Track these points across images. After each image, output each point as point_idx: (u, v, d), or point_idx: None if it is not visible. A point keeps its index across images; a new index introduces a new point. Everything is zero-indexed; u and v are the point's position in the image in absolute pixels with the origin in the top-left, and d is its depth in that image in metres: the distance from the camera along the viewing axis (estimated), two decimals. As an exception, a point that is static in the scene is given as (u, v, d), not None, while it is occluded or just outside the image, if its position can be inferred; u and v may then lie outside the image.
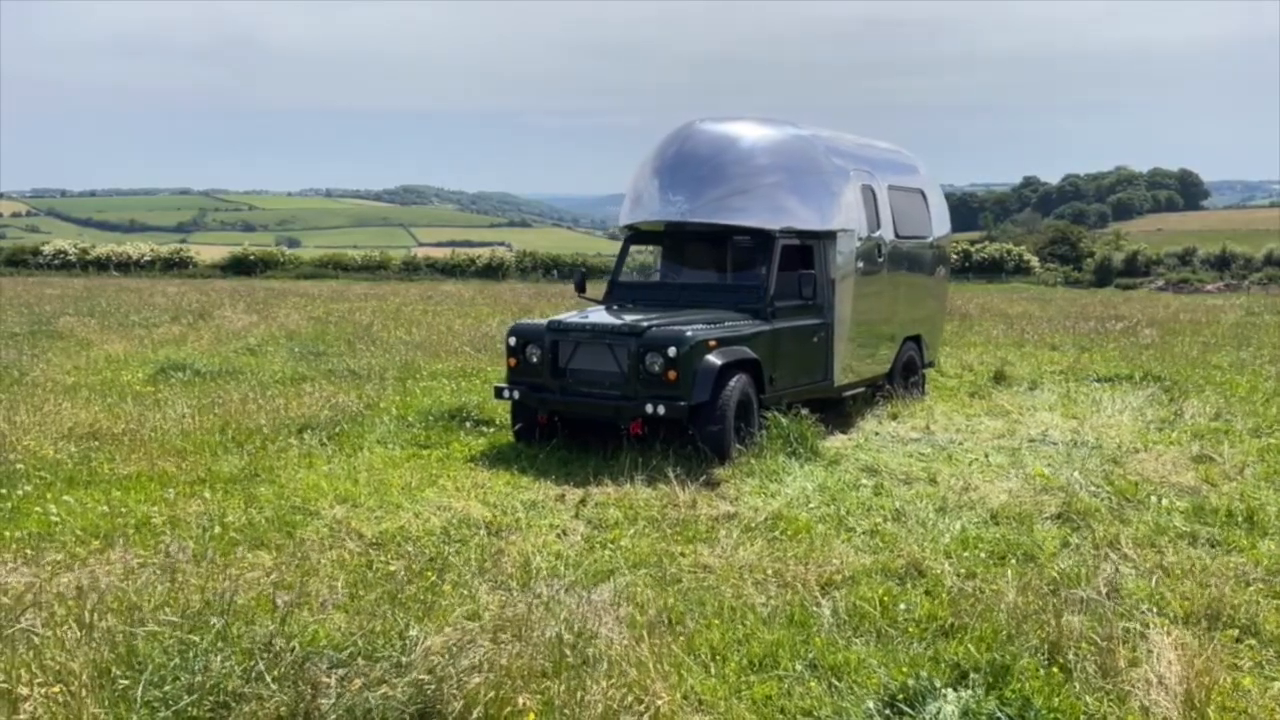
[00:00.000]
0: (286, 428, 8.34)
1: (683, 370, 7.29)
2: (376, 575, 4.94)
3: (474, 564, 5.15)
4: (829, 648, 4.22)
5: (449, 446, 8.17)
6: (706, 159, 8.48)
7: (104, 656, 3.50)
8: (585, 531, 5.96)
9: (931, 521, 6.07)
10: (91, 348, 13.66)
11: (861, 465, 7.55)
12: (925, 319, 10.53)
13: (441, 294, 28.30)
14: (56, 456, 7.12)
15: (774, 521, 6.08)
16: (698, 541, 5.72)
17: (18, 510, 5.97)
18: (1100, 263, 48.48)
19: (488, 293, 29.77)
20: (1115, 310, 22.70)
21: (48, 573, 4.68)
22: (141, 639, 3.66)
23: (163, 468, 7.04)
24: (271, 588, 4.52)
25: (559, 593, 4.54)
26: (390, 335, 15.13)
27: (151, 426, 8.17)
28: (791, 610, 4.59)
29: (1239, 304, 26.48)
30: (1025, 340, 15.69)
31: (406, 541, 5.60)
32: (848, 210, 8.85)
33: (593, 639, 3.78)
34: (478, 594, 4.66)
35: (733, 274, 8.67)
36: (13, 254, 47.66)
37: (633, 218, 8.90)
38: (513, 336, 8.12)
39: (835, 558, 5.33)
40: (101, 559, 5.02)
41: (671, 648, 3.90)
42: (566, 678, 3.51)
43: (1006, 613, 4.46)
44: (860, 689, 3.83)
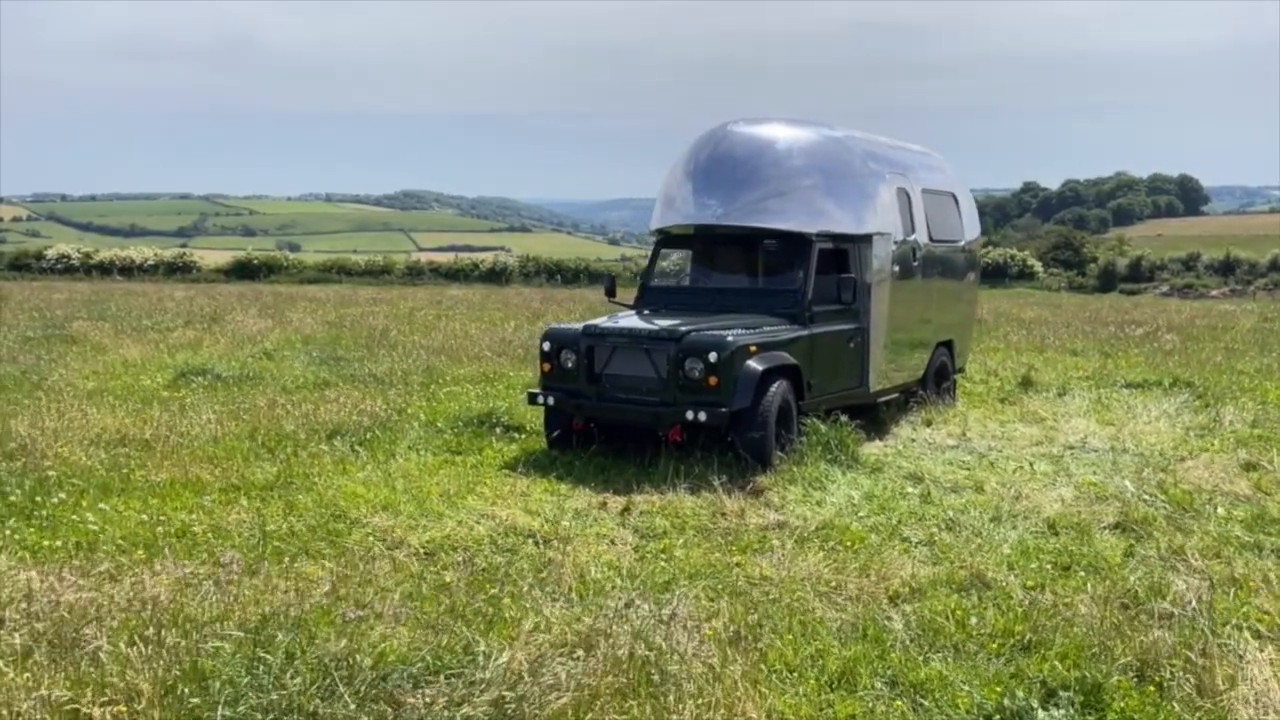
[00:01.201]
0: (316, 433, 8.20)
1: (724, 376, 7.16)
2: (431, 586, 4.80)
3: (529, 575, 5.02)
4: (907, 664, 4.09)
5: (481, 453, 8.03)
6: (742, 161, 8.36)
7: (170, 673, 3.37)
8: (634, 541, 5.84)
9: (987, 531, 5.94)
10: (106, 352, 13.52)
11: (904, 473, 7.42)
12: (957, 324, 10.41)
13: (449, 299, 28.14)
14: (87, 463, 6.98)
15: (825, 531, 5.95)
16: (751, 551, 5.59)
17: (54, 519, 5.83)
18: (1104, 268, 48.42)
19: (496, 297, 29.63)
20: (1129, 315, 22.58)
21: (93, 583, 4.54)
22: (206, 655, 3.53)
23: (196, 474, 6.90)
24: (327, 600, 4.39)
25: (625, 606, 4.40)
26: (407, 340, 14.98)
27: (180, 432, 8.04)
28: (862, 624, 4.46)
29: (1250, 310, 26.38)
30: (1046, 346, 15.58)
31: (455, 551, 5.48)
32: (883, 213, 8.73)
33: (672, 655, 3.64)
34: (540, 606, 4.53)
35: (767, 278, 8.54)
36: (15, 258, 47.51)
37: (665, 221, 8.78)
38: (547, 341, 7.99)
39: (896, 569, 5.20)
40: (148, 569, 4.87)
41: (753, 665, 3.77)
42: (649, 695, 3.38)
43: (1086, 627, 4.33)
44: (949, 708, 3.70)
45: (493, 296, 30.86)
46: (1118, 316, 22.31)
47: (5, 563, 4.81)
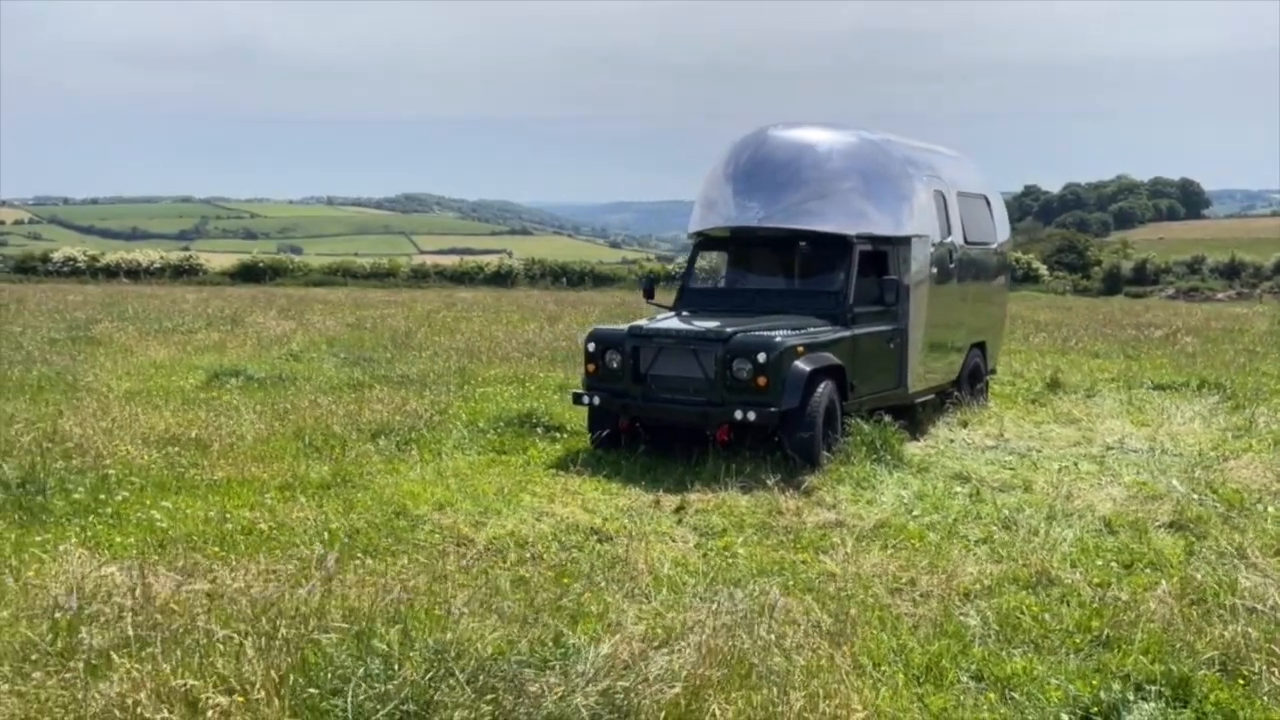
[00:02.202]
0: (360, 433, 8.26)
1: (772, 376, 7.22)
2: (507, 582, 4.85)
3: (600, 571, 5.07)
4: (991, 659, 4.15)
5: (526, 452, 8.09)
6: (783, 164, 8.42)
7: (282, 664, 3.42)
8: (695, 539, 5.90)
9: (1044, 530, 5.98)
10: (132, 354, 13.55)
11: (950, 473, 7.47)
12: (989, 326, 10.48)
13: (462, 301, 28.20)
14: (143, 462, 7.03)
15: (883, 530, 6.01)
16: (812, 549, 5.65)
17: (119, 516, 5.88)
18: (1109, 271, 48.53)
19: (507, 300, 29.68)
20: (1142, 318, 22.66)
21: (179, 578, 4.58)
22: (313, 646, 3.58)
23: (251, 473, 6.96)
24: (425, 593, 4.43)
25: (713, 600, 4.46)
26: (432, 342, 15.04)
27: (227, 432, 8.09)
28: (939, 620, 4.52)
29: (1262, 312, 26.48)
30: (1068, 348, 15.64)
31: (522, 547, 5.53)
32: (921, 216, 8.80)
33: (772, 648, 3.69)
34: (619, 601, 4.58)
35: (807, 279, 8.60)
36: (22, 261, 47.52)
37: (706, 224, 8.84)
38: (592, 342, 8.05)
39: (962, 567, 5.25)
40: (223, 564, 4.93)
41: (847, 659, 3.82)
42: (753, 686, 3.43)
43: (1161, 623, 4.39)
44: (1041, 701, 3.76)
45: (503, 299, 30.91)
46: (1131, 319, 22.39)
47: (85, 558, 4.85)
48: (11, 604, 4.35)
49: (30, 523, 5.67)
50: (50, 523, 5.68)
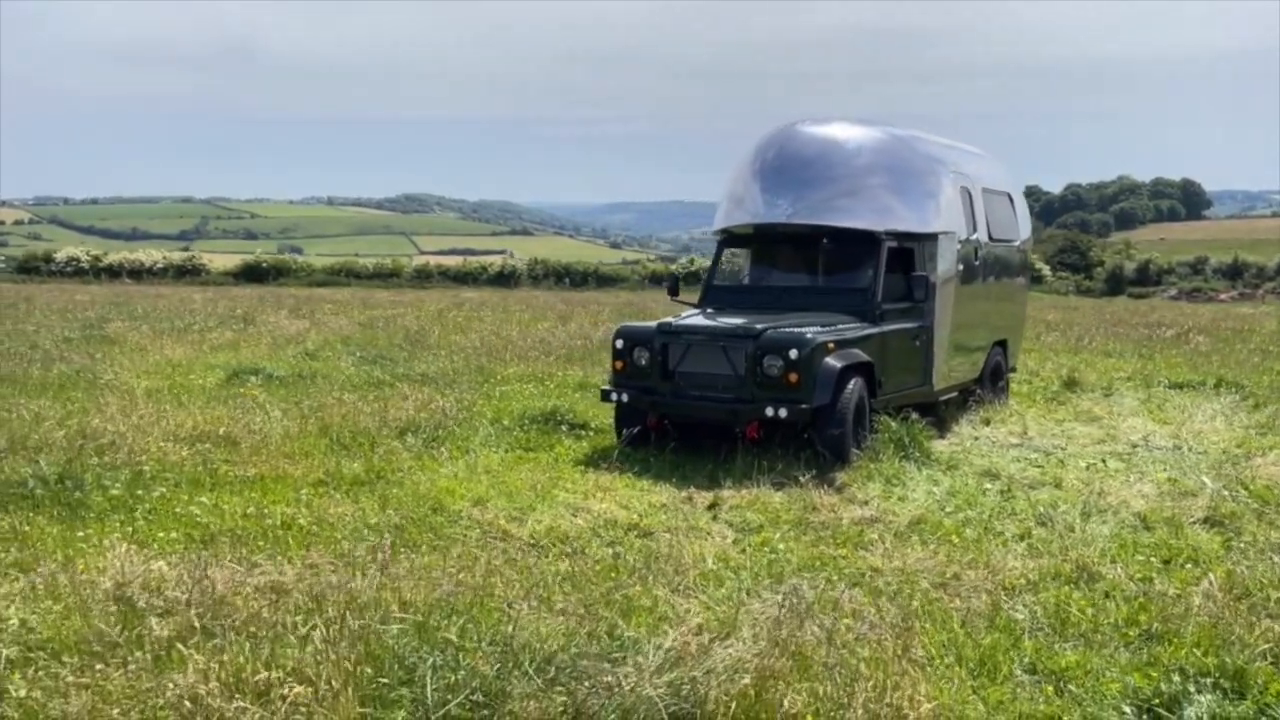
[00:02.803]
0: (388, 431, 8.27)
1: (804, 373, 7.23)
2: (553, 576, 4.86)
3: (643, 565, 5.08)
4: (1043, 652, 4.16)
5: (553, 450, 8.10)
6: (810, 161, 8.44)
7: (350, 655, 3.43)
8: (732, 535, 5.91)
9: (1079, 526, 5.99)
10: (147, 352, 13.55)
11: (979, 470, 7.48)
12: (1011, 324, 10.51)
13: (469, 301, 28.21)
14: (175, 459, 7.04)
15: (919, 526, 6.02)
16: (851, 545, 5.66)
17: (158, 511, 5.89)
18: (1112, 271, 48.57)
19: (514, 300, 29.68)
20: (1150, 318, 22.68)
21: (231, 572, 4.59)
22: (378, 637, 3.59)
23: (283, 469, 6.97)
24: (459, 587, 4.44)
25: (766, 593, 4.47)
26: (446, 341, 15.05)
27: (254, 429, 8.09)
28: (988, 614, 4.53)
29: (1269, 312, 26.51)
30: (1081, 347, 15.66)
31: (563, 542, 5.55)
32: (948, 212, 8.82)
33: (835, 639, 3.70)
34: (666, 595, 4.59)
35: (834, 276, 8.61)
36: (25, 261, 47.52)
37: (732, 220, 8.85)
38: (620, 339, 8.07)
39: (1003, 563, 5.26)
40: (268, 558, 4.93)
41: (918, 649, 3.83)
42: (820, 677, 3.44)
43: (1209, 616, 4.40)
44: (1098, 693, 3.77)
45: (510, 299, 30.92)
46: (1139, 319, 22.41)
47: (131, 553, 4.86)
48: (64, 598, 4.36)
49: (70, 518, 5.68)
50: (90, 518, 5.69)
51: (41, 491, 5.91)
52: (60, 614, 4.19)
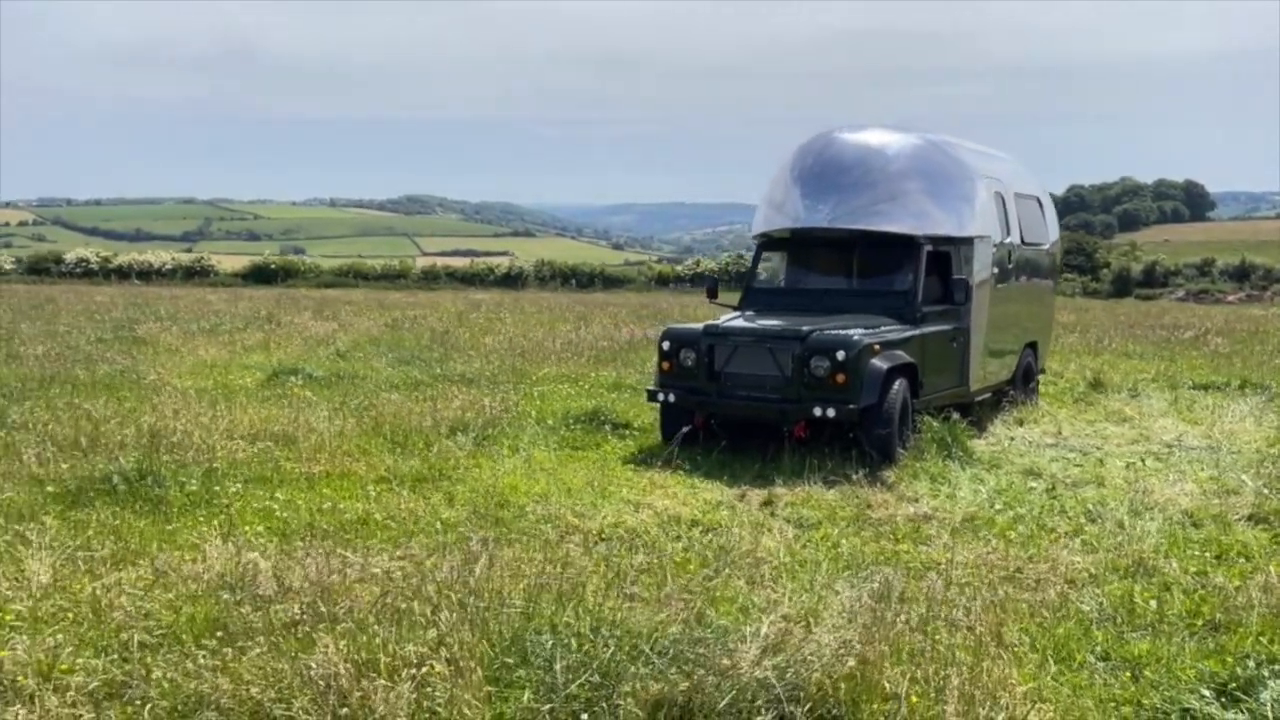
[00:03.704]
0: (438, 430, 8.44)
1: (850, 374, 7.42)
2: (629, 568, 5.04)
3: (714, 559, 5.25)
4: (1114, 641, 4.34)
5: (599, 449, 8.29)
6: (850, 166, 8.63)
7: (474, 638, 3.61)
8: (793, 531, 6.08)
9: (1129, 523, 6.17)
10: (180, 353, 13.75)
11: (1020, 469, 7.67)
12: (1040, 326, 10.69)
13: (484, 302, 28.40)
14: (241, 456, 7.22)
15: (973, 523, 6.20)
16: (909, 541, 5.84)
17: (235, 507, 6.07)
18: (1118, 273, 48.77)
19: (527, 301, 29.88)
20: (1162, 319, 22.88)
21: (339, 562, 4.76)
22: (498, 623, 3.78)
23: (345, 467, 7.15)
24: (544, 578, 4.61)
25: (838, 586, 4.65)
26: (475, 342, 15.23)
27: (309, 428, 8.27)
28: (1058, 606, 4.71)
29: (1279, 314, 26.70)
30: (1101, 348, 15.84)
31: (633, 537, 5.73)
32: (983, 216, 9.01)
33: (928, 627, 3.88)
34: (743, 586, 4.77)
35: (873, 279, 8.79)
36: (35, 262, 47.75)
37: (772, 225, 9.03)
38: (666, 340, 8.25)
39: (1062, 557, 5.44)
40: (357, 551, 5.11)
41: (1012, 635, 4.01)
42: (921, 664, 3.62)
43: (1272, 609, 4.58)
44: (1174, 679, 3.95)
45: (522, 300, 31.14)
46: (1152, 320, 22.62)
47: (228, 546, 5.05)
48: (173, 587, 4.54)
49: (153, 513, 5.87)
50: (174, 513, 5.88)
51: (124, 488, 6.09)
52: (171, 602, 4.37)
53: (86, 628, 4.09)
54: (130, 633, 4.01)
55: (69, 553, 5.00)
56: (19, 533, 5.20)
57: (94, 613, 4.25)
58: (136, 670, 3.68)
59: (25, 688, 3.54)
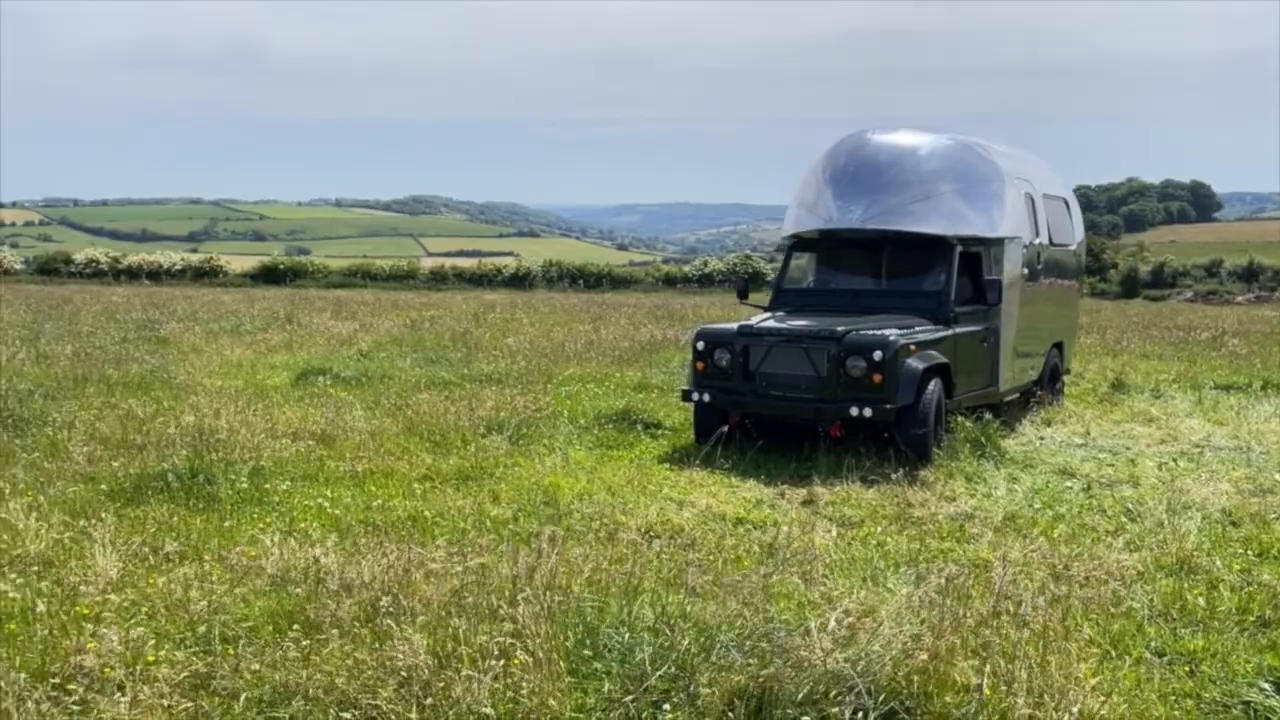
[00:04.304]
0: (472, 429, 8.51)
1: (887, 374, 7.49)
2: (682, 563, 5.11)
3: (766, 555, 5.33)
4: (1167, 637, 4.41)
5: (633, 448, 8.36)
6: (883, 168, 8.70)
7: (551, 630, 3.69)
8: (835, 529, 6.16)
9: (1167, 522, 6.24)
10: (206, 353, 13.84)
11: (1054, 468, 7.74)
12: (1067, 326, 10.77)
13: (497, 303, 28.47)
14: (284, 455, 7.31)
15: (1013, 521, 6.27)
16: (954, 539, 5.91)
17: (286, 504, 6.16)
18: (1126, 274, 48.72)
19: (538, 301, 29.93)
20: (1175, 320, 22.93)
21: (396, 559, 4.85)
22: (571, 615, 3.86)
23: (388, 465, 7.24)
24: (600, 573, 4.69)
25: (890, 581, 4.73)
26: (498, 342, 15.32)
27: (345, 427, 8.36)
28: (1109, 602, 4.78)
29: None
30: (1119, 349, 15.90)
31: (680, 534, 5.80)
32: (1013, 217, 9.08)
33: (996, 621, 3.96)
34: (798, 582, 4.85)
35: (904, 279, 8.86)
36: (45, 262, 47.87)
37: (804, 225, 9.09)
38: (700, 341, 8.32)
39: (1108, 555, 5.51)
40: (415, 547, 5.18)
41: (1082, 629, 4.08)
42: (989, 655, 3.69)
43: (1319, 604, 4.65)
44: (1232, 673, 4.02)
45: (533, 300, 31.19)
46: (1166, 321, 22.65)
47: (290, 541, 5.13)
48: (240, 581, 4.63)
49: (208, 509, 5.95)
50: (227, 510, 5.97)
51: (177, 485, 6.18)
52: (242, 596, 4.46)
53: (163, 621, 4.18)
54: (207, 625, 4.10)
55: (133, 548, 5.09)
56: (82, 529, 5.29)
57: (166, 607, 4.34)
58: (223, 662, 3.77)
59: (114, 679, 3.63)
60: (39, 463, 6.83)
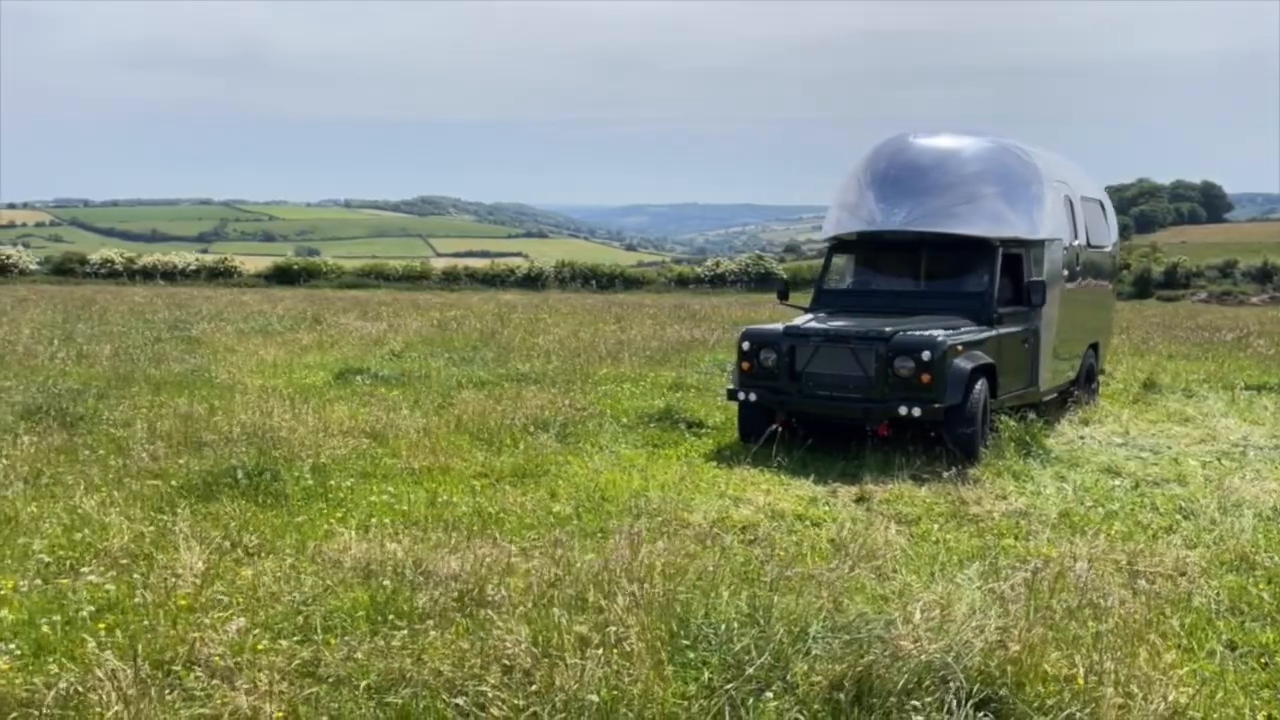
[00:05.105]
0: (518, 427, 8.61)
1: (936, 374, 7.57)
2: (753, 559, 5.21)
3: (830, 550, 5.42)
4: (1237, 631, 4.50)
5: (679, 446, 8.45)
6: (926, 170, 8.79)
7: (647, 621, 3.79)
8: (894, 526, 6.23)
9: (1219, 519, 6.32)
10: (238, 353, 13.96)
11: (1099, 467, 7.81)
12: (1102, 326, 10.84)
13: (517, 304, 28.59)
14: (341, 452, 7.42)
15: (1068, 518, 6.35)
16: (1012, 536, 6.00)
17: (352, 500, 6.27)
18: (1139, 275, 48.65)
19: (555, 301, 30.03)
20: (1195, 321, 22.97)
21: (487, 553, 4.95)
22: (662, 606, 3.96)
23: (443, 463, 7.34)
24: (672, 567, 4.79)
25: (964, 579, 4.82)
26: (528, 342, 15.43)
27: (395, 426, 8.47)
28: (1175, 597, 4.86)
29: (1311, 317, 26.70)
30: (1145, 349, 15.95)
31: (744, 530, 5.90)
32: (1054, 220, 9.16)
33: (1081, 614, 4.05)
34: (869, 575, 4.94)
35: (946, 280, 8.94)
36: (61, 263, 48.13)
37: (846, 228, 9.18)
38: (746, 341, 8.42)
39: (1167, 552, 5.58)
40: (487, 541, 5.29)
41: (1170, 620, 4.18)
42: (1075, 647, 3.79)
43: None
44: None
45: (550, 300, 31.29)
46: (1183, 322, 22.69)
47: (364, 537, 5.24)
48: (326, 575, 4.74)
49: (276, 506, 6.06)
50: (296, 506, 6.08)
51: (245, 482, 6.30)
52: (330, 588, 4.57)
53: (261, 613, 4.28)
54: (303, 616, 4.21)
55: (213, 542, 5.20)
56: (162, 524, 5.40)
57: (257, 599, 4.45)
58: (326, 651, 3.88)
59: (221, 669, 3.73)
60: (104, 460, 6.95)
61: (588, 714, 3.40)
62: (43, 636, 4.02)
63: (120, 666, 3.41)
